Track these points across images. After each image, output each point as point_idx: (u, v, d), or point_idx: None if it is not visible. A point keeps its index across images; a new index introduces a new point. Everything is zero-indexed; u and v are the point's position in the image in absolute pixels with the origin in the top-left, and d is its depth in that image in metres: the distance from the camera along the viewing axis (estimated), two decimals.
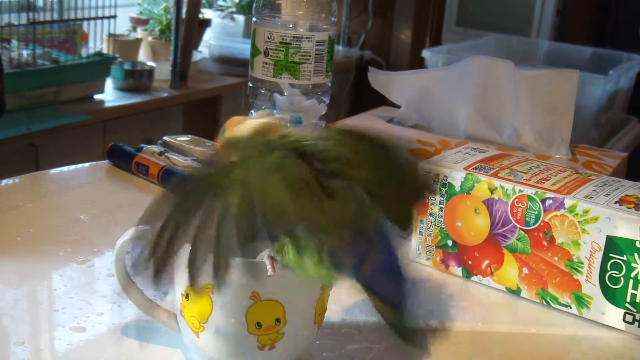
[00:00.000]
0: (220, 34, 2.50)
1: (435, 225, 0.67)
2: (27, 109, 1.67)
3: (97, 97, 1.87)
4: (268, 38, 0.75)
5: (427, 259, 0.68)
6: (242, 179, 0.43)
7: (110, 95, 1.91)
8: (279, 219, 0.42)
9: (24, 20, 1.73)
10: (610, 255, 0.59)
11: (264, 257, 0.46)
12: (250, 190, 0.43)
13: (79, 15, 1.85)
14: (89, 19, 1.86)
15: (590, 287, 0.60)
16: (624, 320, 0.59)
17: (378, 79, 0.94)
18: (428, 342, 0.45)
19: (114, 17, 1.91)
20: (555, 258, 0.61)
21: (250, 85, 0.79)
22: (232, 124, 0.49)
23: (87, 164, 0.89)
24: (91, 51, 1.93)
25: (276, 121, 0.49)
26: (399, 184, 0.49)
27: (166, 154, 0.86)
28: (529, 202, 0.62)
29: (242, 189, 0.43)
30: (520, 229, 0.63)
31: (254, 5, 0.77)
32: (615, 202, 0.59)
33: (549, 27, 2.59)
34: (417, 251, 0.69)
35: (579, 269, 0.60)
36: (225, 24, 2.55)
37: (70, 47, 1.89)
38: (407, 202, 0.50)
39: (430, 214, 0.67)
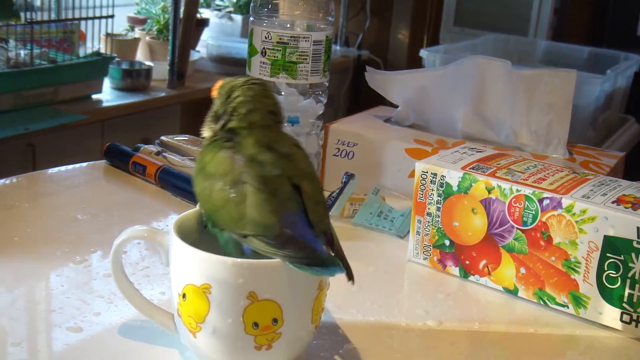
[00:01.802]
0: (218, 34, 2.50)
1: (432, 225, 0.67)
2: (24, 108, 1.67)
3: (94, 96, 1.86)
4: (265, 38, 0.75)
5: (425, 258, 0.68)
6: None
7: (108, 94, 1.91)
8: None
9: (21, 20, 1.73)
10: (608, 255, 0.59)
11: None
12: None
13: (77, 15, 1.85)
14: (86, 18, 1.86)
15: (588, 287, 0.60)
16: (621, 320, 0.59)
17: (375, 78, 0.94)
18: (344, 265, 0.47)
19: (112, 16, 1.91)
20: (553, 258, 0.61)
21: None
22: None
23: (84, 164, 0.89)
24: (89, 51, 1.93)
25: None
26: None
27: (163, 154, 0.85)
28: (527, 202, 0.62)
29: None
30: (517, 228, 0.63)
31: (252, 4, 0.77)
32: (613, 202, 0.59)
33: (547, 26, 2.59)
34: (414, 251, 0.69)
35: (576, 268, 0.60)
36: (222, 23, 2.55)
37: (68, 47, 1.89)
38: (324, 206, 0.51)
39: (428, 214, 0.67)
